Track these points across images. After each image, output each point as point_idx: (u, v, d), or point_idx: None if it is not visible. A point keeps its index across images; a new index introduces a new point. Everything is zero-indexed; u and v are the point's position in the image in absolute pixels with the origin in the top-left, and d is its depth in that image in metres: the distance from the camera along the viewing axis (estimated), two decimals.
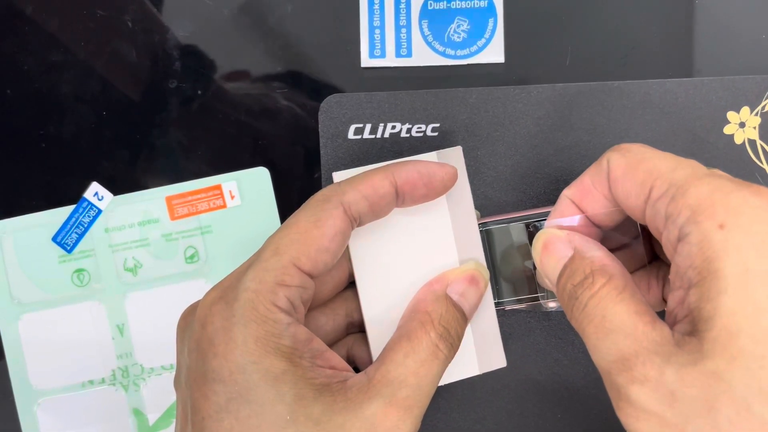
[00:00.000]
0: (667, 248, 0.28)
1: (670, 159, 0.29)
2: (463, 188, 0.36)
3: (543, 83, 0.41)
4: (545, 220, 0.35)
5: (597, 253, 0.31)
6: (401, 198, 0.33)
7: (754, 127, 0.41)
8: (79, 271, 0.41)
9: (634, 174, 0.30)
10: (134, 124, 0.41)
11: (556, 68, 0.41)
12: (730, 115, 0.41)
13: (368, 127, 0.41)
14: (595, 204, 0.33)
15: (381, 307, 0.35)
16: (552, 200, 0.35)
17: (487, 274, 0.36)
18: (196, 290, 0.42)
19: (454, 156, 0.36)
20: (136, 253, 0.41)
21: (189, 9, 0.41)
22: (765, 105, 0.41)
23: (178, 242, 0.41)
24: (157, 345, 0.42)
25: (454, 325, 0.33)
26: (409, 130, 0.41)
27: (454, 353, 0.33)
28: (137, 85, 0.41)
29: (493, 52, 0.41)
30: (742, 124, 0.41)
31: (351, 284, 0.37)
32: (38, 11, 0.41)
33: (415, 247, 0.36)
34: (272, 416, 0.29)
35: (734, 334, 0.25)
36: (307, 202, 0.32)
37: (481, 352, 0.37)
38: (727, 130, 0.41)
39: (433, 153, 0.36)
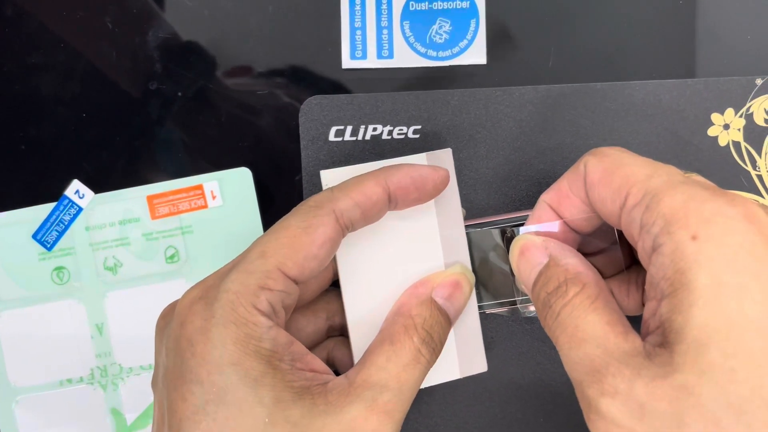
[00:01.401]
0: (642, 257, 0.28)
1: (647, 165, 0.29)
2: (451, 191, 0.36)
3: (525, 85, 0.41)
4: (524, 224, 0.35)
5: (572, 261, 0.31)
6: (393, 203, 0.33)
7: (739, 129, 0.40)
8: (59, 269, 0.41)
9: (611, 180, 0.29)
10: (115, 125, 0.41)
11: (538, 70, 0.41)
12: (714, 116, 0.41)
13: (349, 129, 0.41)
14: (572, 209, 0.32)
15: (364, 309, 0.35)
16: (533, 203, 0.35)
17: (472, 277, 0.36)
18: (176, 290, 0.42)
19: (445, 158, 0.36)
20: (116, 252, 0.41)
21: (169, 10, 0.41)
22: (749, 107, 0.40)
23: (159, 242, 0.41)
24: (136, 345, 0.42)
25: (438, 329, 0.33)
26: (390, 132, 0.41)
27: (436, 358, 0.33)
28: (118, 86, 0.41)
29: (475, 54, 0.41)
30: (726, 126, 0.41)
31: (332, 285, 0.37)
32: (18, 12, 0.41)
33: (400, 249, 0.35)
34: (250, 419, 0.28)
35: (704, 347, 0.24)
36: (297, 207, 0.32)
37: (462, 356, 0.36)
38: (711, 131, 0.41)
39: (422, 155, 0.36)
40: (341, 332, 0.37)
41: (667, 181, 0.28)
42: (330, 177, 0.35)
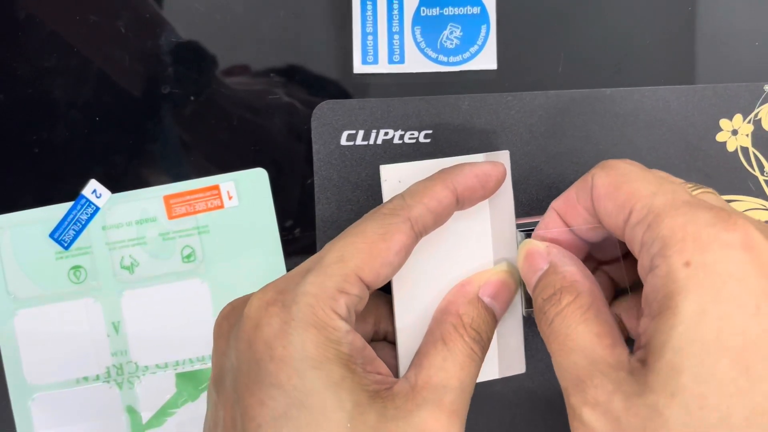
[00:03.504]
0: (642, 274, 0.28)
1: (653, 182, 0.29)
2: (506, 188, 0.35)
3: (535, 90, 0.41)
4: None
5: (570, 269, 0.31)
6: (459, 205, 0.33)
7: (747, 135, 0.41)
8: (76, 268, 0.42)
9: (617, 195, 0.30)
10: (127, 128, 0.42)
11: (548, 75, 0.42)
12: (723, 122, 0.41)
13: (361, 133, 0.41)
14: (578, 218, 0.33)
15: (413, 313, 0.34)
16: (543, 208, 0.35)
17: (518, 275, 0.35)
18: (192, 290, 0.42)
19: (503, 159, 0.35)
20: (133, 251, 0.42)
21: (181, 15, 0.41)
22: (758, 112, 0.41)
23: (175, 241, 0.42)
24: (152, 343, 0.42)
25: (485, 328, 0.33)
26: (401, 137, 0.41)
27: (485, 355, 0.33)
28: (130, 90, 0.42)
29: (486, 59, 0.42)
30: (734, 132, 0.41)
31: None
32: (31, 17, 0.41)
33: (452, 248, 0.35)
34: (333, 423, 0.28)
35: (678, 371, 0.25)
36: (370, 213, 0.32)
37: (503, 355, 0.36)
38: (720, 137, 0.41)
39: (480, 155, 0.35)
40: (384, 337, 0.36)
41: (670, 200, 0.28)
42: (389, 173, 0.34)
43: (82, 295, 0.42)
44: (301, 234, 0.42)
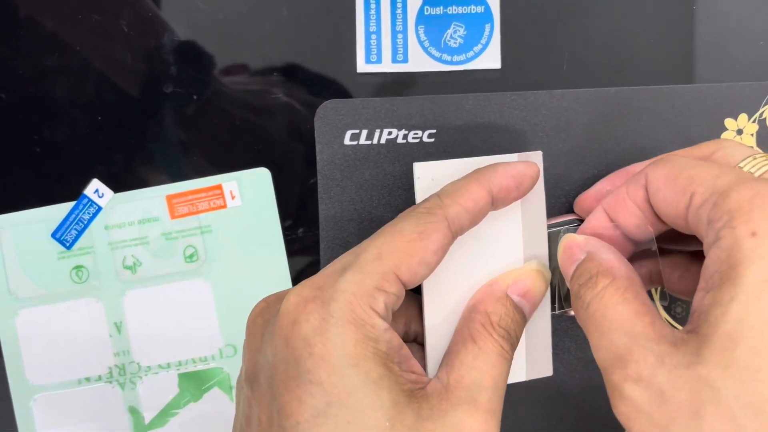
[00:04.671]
0: (706, 252, 0.28)
1: (713, 167, 0.29)
2: (537, 190, 0.35)
3: (539, 89, 0.41)
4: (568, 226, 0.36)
5: (606, 256, 0.31)
6: (495, 204, 0.33)
7: (752, 134, 0.41)
8: (78, 267, 0.42)
9: (676, 182, 0.30)
10: (130, 128, 0.42)
11: (552, 74, 0.42)
12: (728, 122, 0.41)
13: (364, 132, 0.41)
14: (627, 216, 0.33)
15: (442, 313, 0.34)
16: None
17: (548, 274, 0.35)
18: (194, 290, 0.42)
19: (535, 160, 0.35)
20: (135, 251, 0.42)
21: (184, 14, 0.41)
22: (763, 112, 0.41)
23: (178, 241, 0.42)
24: (155, 343, 0.42)
25: (514, 327, 0.32)
26: (405, 136, 0.41)
27: (514, 354, 0.32)
28: (133, 89, 0.41)
29: (490, 58, 0.41)
30: (739, 131, 0.41)
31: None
32: (33, 15, 0.41)
33: (483, 248, 0.35)
34: (372, 422, 0.28)
35: (734, 342, 0.25)
36: (406, 212, 0.31)
37: (530, 358, 0.36)
38: (725, 137, 0.41)
39: (513, 155, 0.35)
40: (414, 338, 0.36)
41: (735, 178, 0.28)
42: (423, 170, 0.34)
43: (84, 295, 0.42)
44: (304, 234, 0.42)
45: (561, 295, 0.37)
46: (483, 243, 0.34)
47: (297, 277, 0.43)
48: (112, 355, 0.42)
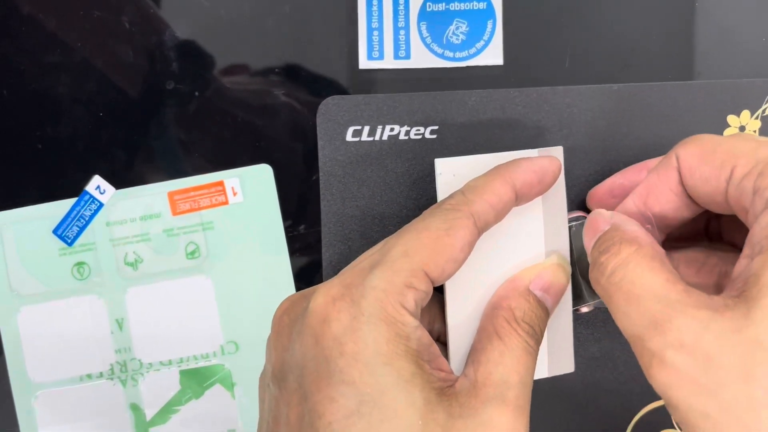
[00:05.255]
0: (752, 223, 0.28)
1: (750, 139, 0.29)
2: (558, 185, 0.35)
3: (542, 86, 0.41)
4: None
5: (631, 228, 0.31)
6: (518, 200, 0.33)
7: (755, 131, 0.41)
8: (80, 264, 0.42)
9: (713, 158, 0.29)
10: (132, 124, 0.41)
11: (555, 71, 0.42)
12: (731, 118, 0.41)
13: (366, 129, 0.41)
14: (662, 199, 0.32)
15: (464, 310, 0.34)
16: None
17: (569, 268, 0.35)
18: (196, 286, 0.42)
19: (556, 155, 0.35)
20: (137, 247, 0.42)
21: (186, 10, 0.41)
22: (765, 108, 0.41)
23: (180, 238, 0.42)
24: (156, 340, 0.42)
25: (537, 321, 0.32)
26: (407, 133, 0.41)
27: (538, 349, 0.32)
28: (134, 86, 0.41)
29: (492, 54, 0.41)
30: (742, 128, 0.41)
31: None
32: (35, 12, 0.41)
33: (504, 243, 0.34)
34: (405, 420, 0.27)
35: None
36: (431, 209, 0.31)
37: (552, 354, 0.35)
38: (728, 133, 0.41)
39: (534, 150, 0.35)
40: (438, 338, 0.36)
41: None
42: (444, 166, 0.34)
43: (86, 292, 0.42)
44: (305, 230, 0.42)
45: (583, 291, 0.37)
46: (504, 239, 0.34)
47: (298, 274, 0.43)
48: (113, 352, 0.42)
